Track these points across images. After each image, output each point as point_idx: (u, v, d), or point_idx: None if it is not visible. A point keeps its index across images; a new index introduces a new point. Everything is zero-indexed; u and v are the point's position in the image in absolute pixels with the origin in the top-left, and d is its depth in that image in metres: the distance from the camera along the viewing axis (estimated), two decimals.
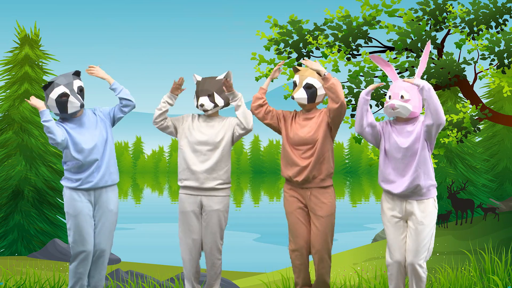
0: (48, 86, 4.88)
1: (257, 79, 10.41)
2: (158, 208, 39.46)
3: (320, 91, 5.02)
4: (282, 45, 10.35)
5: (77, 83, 4.94)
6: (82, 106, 4.90)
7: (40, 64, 17.88)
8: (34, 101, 4.88)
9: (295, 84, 5.09)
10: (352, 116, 10.11)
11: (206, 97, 5.12)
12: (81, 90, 4.94)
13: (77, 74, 5.02)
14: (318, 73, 4.91)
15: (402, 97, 4.68)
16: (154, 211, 36.89)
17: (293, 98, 5.05)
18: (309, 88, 5.00)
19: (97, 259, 5.08)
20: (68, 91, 4.87)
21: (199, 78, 5.21)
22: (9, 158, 17.12)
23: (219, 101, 5.16)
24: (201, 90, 5.12)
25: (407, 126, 4.75)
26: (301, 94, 5.01)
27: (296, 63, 10.40)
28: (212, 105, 5.12)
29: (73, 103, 4.88)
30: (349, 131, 10.55)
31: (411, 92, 4.69)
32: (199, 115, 5.29)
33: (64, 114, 4.92)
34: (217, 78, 5.18)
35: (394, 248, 4.74)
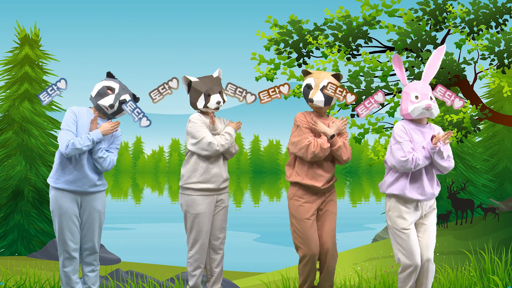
0: (112, 76, 5.06)
1: (257, 79, 10.40)
2: (158, 208, 39.43)
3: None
4: (282, 45, 10.35)
5: (126, 96, 5.03)
6: (111, 107, 4.95)
7: (40, 64, 17.87)
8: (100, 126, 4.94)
9: (308, 87, 5.01)
10: (352, 116, 10.11)
11: (218, 95, 5.13)
12: (122, 102, 5.01)
13: (134, 97, 5.11)
14: (325, 135, 4.93)
15: (430, 98, 4.69)
16: (154, 211, 36.87)
17: (311, 101, 4.99)
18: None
19: (87, 256, 5.09)
20: (117, 90, 4.98)
21: (195, 79, 5.16)
22: (9, 158, 17.11)
23: (225, 97, 5.21)
24: (211, 89, 5.09)
25: (429, 129, 4.78)
26: (319, 97, 4.96)
27: (296, 63, 10.39)
28: (222, 101, 5.17)
29: (108, 99, 4.95)
30: (349, 131, 10.53)
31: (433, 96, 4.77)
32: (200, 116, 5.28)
33: (95, 100, 4.99)
34: (215, 76, 5.19)
35: (416, 251, 4.76)
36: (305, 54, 10.42)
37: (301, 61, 10.43)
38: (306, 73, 5.10)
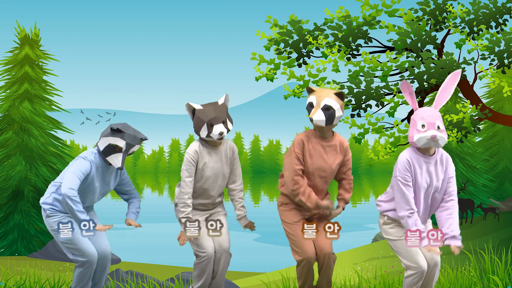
0: (119, 131, 4.86)
1: (257, 79, 10.41)
2: (158, 208, 39.41)
3: (338, 113, 4.81)
4: (282, 45, 10.36)
5: (135, 148, 4.94)
6: (120, 169, 4.99)
7: (40, 64, 17.87)
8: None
9: (311, 105, 4.86)
10: (352, 116, 10.12)
11: (222, 125, 4.94)
12: (132, 154, 4.97)
13: (143, 139, 5.01)
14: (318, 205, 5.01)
15: (438, 127, 4.45)
16: (154, 211, 36.86)
17: (311, 120, 4.84)
18: (328, 109, 4.76)
19: (102, 262, 5.12)
20: (124, 149, 4.88)
21: (199, 107, 4.99)
22: (9, 158, 17.11)
23: (230, 125, 5.03)
24: (214, 118, 4.92)
25: (436, 160, 4.65)
26: (319, 116, 4.76)
27: (296, 63, 10.40)
28: (226, 130, 5.00)
29: (117, 160, 4.89)
30: (349, 131, 10.53)
31: (442, 123, 4.49)
32: (201, 146, 5.09)
33: (102, 156, 4.92)
34: (220, 103, 5.01)
35: (421, 255, 4.81)
36: (305, 54, 10.43)
37: (301, 61, 10.43)
38: (310, 91, 4.95)
